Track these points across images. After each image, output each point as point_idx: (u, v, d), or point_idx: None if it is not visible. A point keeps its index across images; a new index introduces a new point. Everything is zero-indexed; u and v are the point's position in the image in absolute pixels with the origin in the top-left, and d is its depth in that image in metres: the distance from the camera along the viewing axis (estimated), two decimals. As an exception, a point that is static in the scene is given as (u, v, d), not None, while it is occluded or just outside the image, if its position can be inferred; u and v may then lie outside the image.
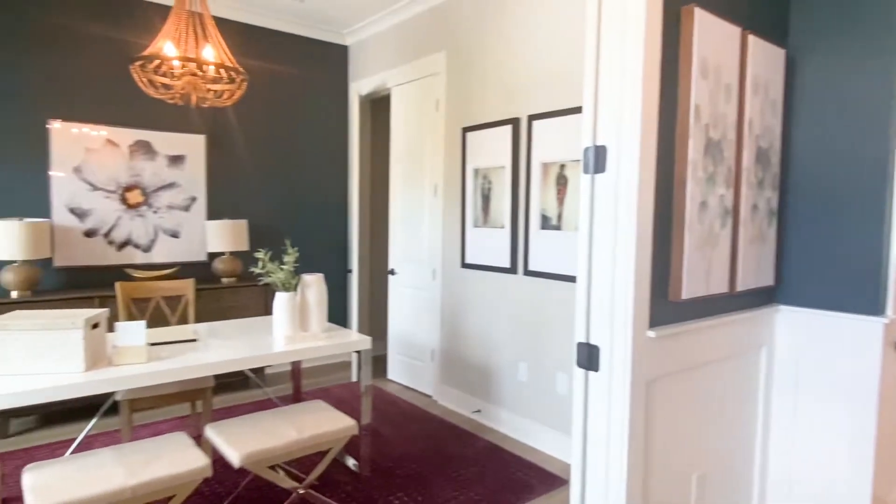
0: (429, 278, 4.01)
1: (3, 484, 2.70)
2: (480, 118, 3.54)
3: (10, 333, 2.06)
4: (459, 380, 3.79)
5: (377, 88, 4.46)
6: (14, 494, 2.61)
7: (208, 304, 3.88)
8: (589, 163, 1.66)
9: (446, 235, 3.85)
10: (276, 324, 2.71)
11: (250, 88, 4.33)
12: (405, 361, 4.29)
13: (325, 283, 2.87)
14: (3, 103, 3.43)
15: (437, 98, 3.89)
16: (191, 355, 2.38)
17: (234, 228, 4.05)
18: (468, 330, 3.69)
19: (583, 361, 1.72)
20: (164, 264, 4.07)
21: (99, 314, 2.26)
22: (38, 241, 3.34)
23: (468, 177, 3.64)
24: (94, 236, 3.79)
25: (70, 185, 3.68)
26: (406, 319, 4.26)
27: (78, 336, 2.11)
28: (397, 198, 4.33)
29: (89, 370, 2.14)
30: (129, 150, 3.89)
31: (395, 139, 4.32)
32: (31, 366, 2.08)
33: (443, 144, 3.83)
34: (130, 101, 3.86)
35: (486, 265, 3.52)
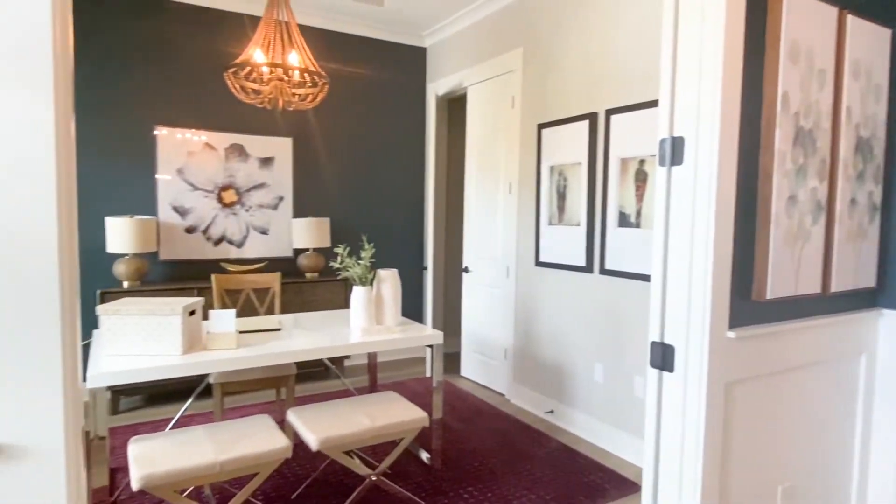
0: (503, 276, 4.01)
1: (112, 455, 3.00)
2: (556, 114, 3.49)
3: (121, 318, 2.29)
4: (533, 379, 3.76)
5: (454, 88, 4.52)
6: (121, 464, 2.89)
7: (293, 297, 4.10)
8: (665, 154, 1.61)
9: (520, 233, 3.83)
10: (353, 316, 2.82)
11: (333, 92, 4.53)
12: (479, 359, 4.32)
13: (399, 278, 2.95)
14: (116, 111, 3.81)
15: (512, 95, 3.88)
16: (275, 343, 2.53)
17: (318, 226, 4.25)
18: (542, 329, 3.66)
19: (656, 361, 1.66)
20: (255, 259, 4.34)
21: (195, 302, 2.45)
22: (145, 237, 3.68)
23: (543, 174, 3.60)
24: (194, 232, 4.12)
25: (173, 186, 4.02)
26: (480, 317, 4.28)
27: (177, 322, 2.31)
28: (472, 196, 4.36)
29: (186, 353, 2.34)
30: (225, 153, 4.18)
31: (470, 138, 4.36)
32: (137, 347, 2.30)
33: (518, 142, 3.82)
34: (226, 108, 4.15)
35: (560, 263, 3.47)
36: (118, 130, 3.83)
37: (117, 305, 2.30)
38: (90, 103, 3.73)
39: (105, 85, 3.76)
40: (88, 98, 3.72)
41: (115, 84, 3.79)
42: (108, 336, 2.29)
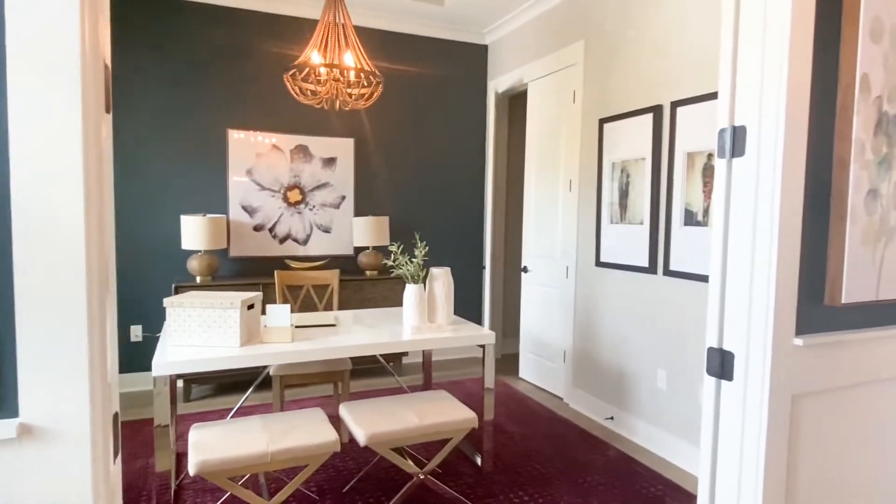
0: (562, 276, 3.90)
1: (181, 440, 3.16)
2: (619, 108, 3.35)
3: (185, 310, 2.41)
4: (592, 384, 3.63)
5: (514, 85, 4.45)
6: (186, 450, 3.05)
7: (352, 294, 4.18)
8: (725, 146, 1.49)
9: (580, 232, 3.71)
10: (405, 314, 2.83)
11: (393, 92, 4.58)
12: (537, 361, 4.22)
13: (451, 276, 2.93)
14: (191, 115, 4.03)
15: (573, 90, 3.76)
16: (329, 338, 2.58)
17: (377, 224, 4.31)
18: (602, 332, 3.52)
19: (714, 368, 1.54)
20: (318, 257, 4.47)
21: (254, 297, 2.54)
22: (216, 234, 3.87)
23: (605, 170, 3.47)
24: (261, 231, 4.29)
25: (243, 186, 4.21)
26: (538, 318, 4.19)
27: (235, 315, 2.40)
28: (531, 193, 4.27)
29: (244, 345, 2.43)
30: (291, 154, 4.33)
31: (530, 134, 4.27)
32: (199, 338, 2.41)
33: (578, 137, 3.70)
34: (292, 110, 4.30)
35: (622, 264, 3.33)
36: (194, 133, 4.05)
37: (182, 298, 2.42)
38: (168, 108, 3.97)
39: (182, 90, 3.99)
40: (166, 103, 3.96)
41: (191, 89, 4.02)
42: (174, 327, 2.41)
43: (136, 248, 3.95)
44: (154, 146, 3.96)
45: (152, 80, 3.92)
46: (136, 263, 3.95)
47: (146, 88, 3.91)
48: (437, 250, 4.84)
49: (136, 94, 3.88)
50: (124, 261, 3.92)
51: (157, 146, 3.97)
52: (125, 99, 3.86)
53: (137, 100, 3.89)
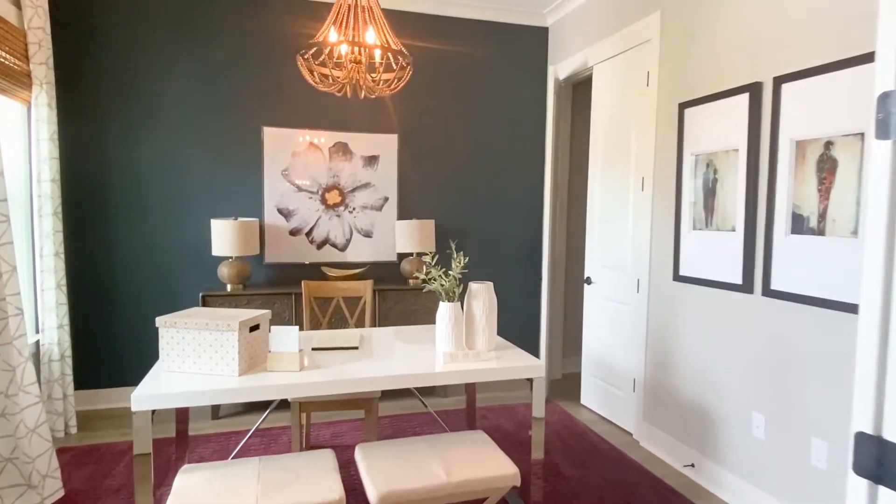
0: (632, 291, 3.32)
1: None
2: (704, 88, 2.75)
3: (178, 331, 2.08)
4: (668, 421, 3.03)
5: (577, 70, 3.89)
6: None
7: (392, 306, 3.79)
8: (890, 122, 0.93)
9: (655, 239, 3.12)
10: (439, 338, 2.38)
11: (440, 84, 4.15)
12: (601, 387, 3.66)
13: (493, 292, 2.46)
14: (224, 112, 3.78)
15: (647, 70, 3.18)
16: (346, 367, 2.18)
17: (422, 229, 3.90)
18: (682, 360, 2.92)
19: (866, 466, 0.99)
20: (357, 263, 4.11)
21: (258, 316, 2.19)
22: (248, 239, 3.59)
23: (685, 165, 2.87)
24: (298, 235, 3.98)
25: (278, 187, 3.92)
26: (604, 338, 3.62)
27: (232, 338, 2.04)
28: (596, 194, 3.71)
29: (244, 374, 2.07)
30: (329, 152, 4.00)
31: (595, 125, 3.71)
32: (194, 364, 2.07)
33: (653, 127, 3.11)
34: (331, 105, 3.96)
35: (707, 279, 2.72)
36: (226, 132, 3.80)
37: (175, 317, 2.09)
38: (199, 105, 3.74)
39: (213, 86, 3.75)
40: (197, 100, 3.73)
41: (223, 85, 3.77)
42: (167, 350, 2.10)
43: (165, 253, 3.74)
44: (184, 146, 3.73)
45: (181, 76, 3.70)
46: (164, 270, 3.74)
47: (175, 85, 3.69)
48: (489, 258, 4.36)
49: (164, 91, 3.67)
50: (152, 267, 3.72)
51: (188, 146, 3.74)
52: (152, 97, 3.66)
53: (166, 98, 3.68)
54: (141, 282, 3.71)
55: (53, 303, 3.19)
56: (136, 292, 3.71)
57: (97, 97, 3.57)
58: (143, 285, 3.71)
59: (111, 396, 3.70)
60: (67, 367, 3.31)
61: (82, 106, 3.55)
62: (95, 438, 3.22)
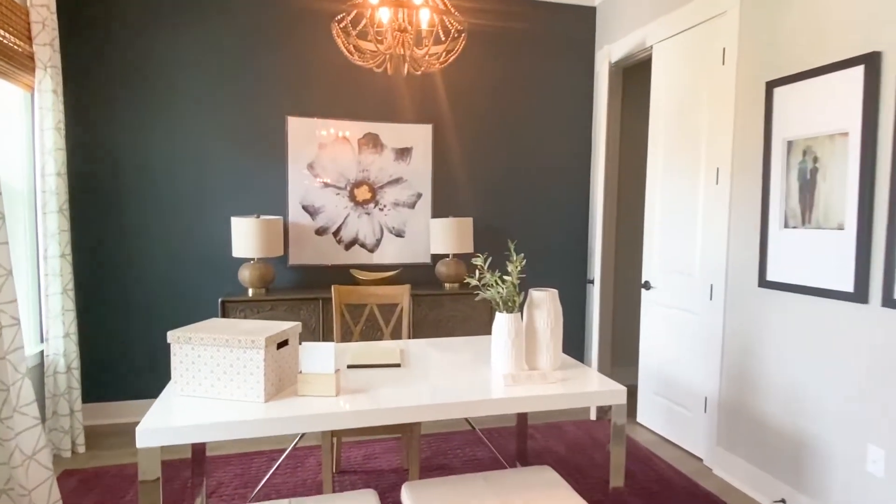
0: (703, 298, 2.93)
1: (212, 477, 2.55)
2: (799, 62, 2.36)
3: (194, 348, 1.76)
4: (750, 448, 2.64)
5: (632, 51, 3.51)
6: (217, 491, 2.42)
7: (427, 312, 3.44)
8: None
9: (734, 240, 2.73)
10: (495, 355, 2.03)
11: (477, 70, 3.79)
12: (663, 405, 3.27)
13: (559, 302, 2.10)
14: (244, 101, 3.46)
15: (722, 47, 2.79)
16: (388, 390, 1.84)
17: (459, 228, 3.54)
18: (769, 379, 2.53)
19: None
20: (389, 266, 3.78)
21: (288, 329, 1.85)
22: (271, 239, 3.27)
23: (775, 153, 2.48)
24: (324, 234, 3.66)
25: (303, 182, 3.59)
26: (666, 349, 3.23)
27: (258, 357, 1.71)
28: (656, 188, 3.32)
29: (271, 399, 1.74)
30: (359, 144, 3.67)
31: (656, 112, 3.32)
32: (214, 388, 1.75)
33: (731, 110, 2.72)
34: (359, 93, 3.63)
35: (804, 286, 2.33)
36: (248, 121, 3.49)
37: (190, 332, 1.77)
38: (218, 94, 3.43)
39: (233, 73, 3.44)
40: (216, 89, 3.42)
41: (244, 71, 3.45)
42: (180, 371, 1.77)
43: (181, 254, 3.44)
44: (202, 137, 3.43)
45: (199, 60, 3.39)
46: (180, 273, 3.44)
47: (192, 71, 3.38)
48: (531, 259, 3.99)
49: (179, 77, 3.37)
50: (167, 269, 3.42)
51: (206, 137, 3.44)
52: (167, 84, 3.36)
53: (182, 84, 3.38)
54: (155, 286, 3.41)
55: (59, 309, 2.90)
56: (149, 297, 3.41)
57: (107, 83, 3.28)
58: (158, 289, 3.41)
59: (123, 410, 3.41)
60: (75, 379, 3.01)
61: (91, 93, 3.26)
62: (105, 459, 2.92)
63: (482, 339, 2.56)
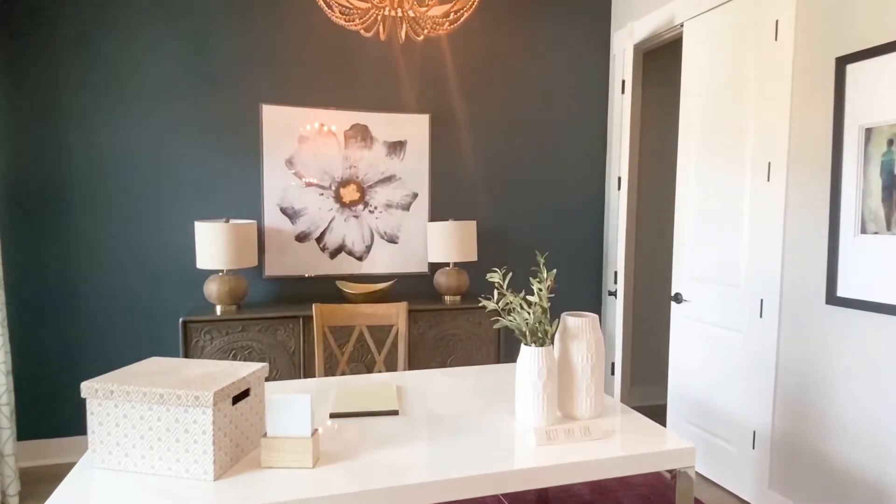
0: (750, 314, 2.50)
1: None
2: (883, 33, 1.93)
3: (117, 405, 1.29)
4: (815, 494, 2.21)
5: (658, 30, 3.08)
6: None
7: (426, 330, 2.98)
8: None
9: (791, 247, 2.30)
10: (521, 404, 1.58)
11: (480, 54, 3.34)
12: (699, 436, 2.84)
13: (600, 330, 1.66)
14: (212, 87, 2.98)
15: (774, 19, 2.36)
16: (385, 454, 1.38)
17: (461, 232, 3.09)
18: (840, 415, 2.11)
19: None
20: (380, 276, 3.31)
21: (248, 376, 1.38)
22: (244, 247, 2.79)
23: (848, 143, 2.05)
24: (306, 241, 3.19)
25: (281, 181, 3.12)
26: (702, 372, 2.80)
27: (204, 420, 1.25)
28: (689, 187, 2.89)
29: (223, 476, 1.28)
30: (345, 137, 3.20)
31: (687, 99, 2.89)
32: (145, 460, 1.28)
33: (787, 94, 2.29)
34: (345, 78, 3.16)
35: (889, 304, 1.91)
36: (215, 110, 3.01)
37: (110, 382, 1.30)
38: (180, 79, 2.94)
39: (198, 55, 2.95)
40: (178, 72, 2.93)
41: (211, 53, 2.97)
42: (100, 435, 1.30)
43: (137, 265, 2.95)
44: (162, 128, 2.94)
45: (157, 43, 2.90)
46: (137, 287, 2.95)
47: (150, 51, 2.90)
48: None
49: (136, 59, 2.88)
50: (120, 283, 2.93)
51: (167, 128, 2.95)
52: (122, 66, 2.87)
53: (138, 67, 2.89)
54: (106, 305, 2.92)
55: (-17, 334, 2.41)
56: (99, 316, 2.92)
57: (51, 65, 2.78)
58: (109, 307, 2.92)
59: (65, 448, 2.91)
60: (5, 417, 2.52)
61: (32, 77, 2.76)
62: (40, 512, 2.43)
63: (494, 370, 2.11)
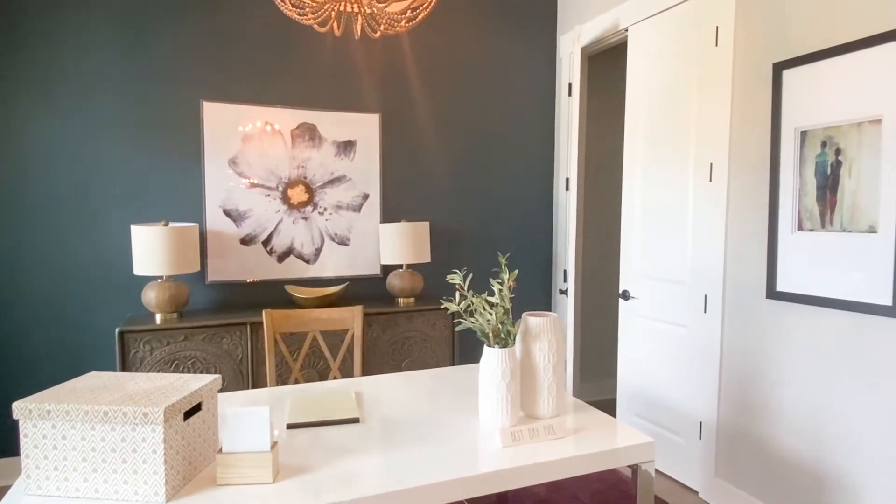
0: (695, 309, 2.60)
1: None
2: (817, 41, 2.05)
3: (56, 426, 1.18)
4: (758, 480, 2.32)
5: (604, 34, 3.15)
6: None
7: (380, 334, 2.93)
8: None
9: (733, 244, 2.41)
10: (484, 405, 1.56)
11: (431, 54, 3.32)
12: (647, 428, 2.93)
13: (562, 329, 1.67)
14: (148, 82, 2.82)
15: (714, 26, 2.46)
16: (347, 464, 1.33)
17: (414, 233, 3.05)
18: (781, 404, 2.22)
19: None
20: (332, 279, 3.23)
21: (200, 389, 1.30)
22: (184, 252, 2.65)
23: (785, 145, 2.16)
24: (252, 244, 3.06)
25: (224, 181, 2.99)
26: (650, 367, 2.89)
27: (154, 438, 1.16)
28: (636, 187, 2.97)
29: (175, 496, 1.19)
30: (292, 137, 3.10)
31: (632, 103, 2.98)
32: (87, 483, 1.18)
33: (727, 98, 2.40)
34: (292, 75, 3.07)
35: (828, 298, 2.02)
36: (151, 107, 2.84)
37: (50, 401, 1.19)
38: (113, 74, 2.76)
39: (133, 48, 2.78)
40: (110, 68, 2.75)
41: (146, 47, 2.80)
42: (35, 460, 1.19)
43: (67, 273, 2.75)
44: (92, 126, 2.75)
45: (85, 30, 2.71)
46: (67, 296, 2.74)
47: (78, 42, 2.70)
48: (492, 269, 3.57)
49: (63, 50, 2.68)
50: (48, 292, 2.72)
51: (99, 127, 2.76)
52: (47, 57, 2.66)
53: (66, 59, 2.69)
54: (34, 316, 2.70)
55: None
56: (25, 329, 2.69)
57: (-40, 56, 2.55)
58: (37, 321, 2.70)
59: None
60: (-86, 443, 2.28)
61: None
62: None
63: (452, 373, 2.09)
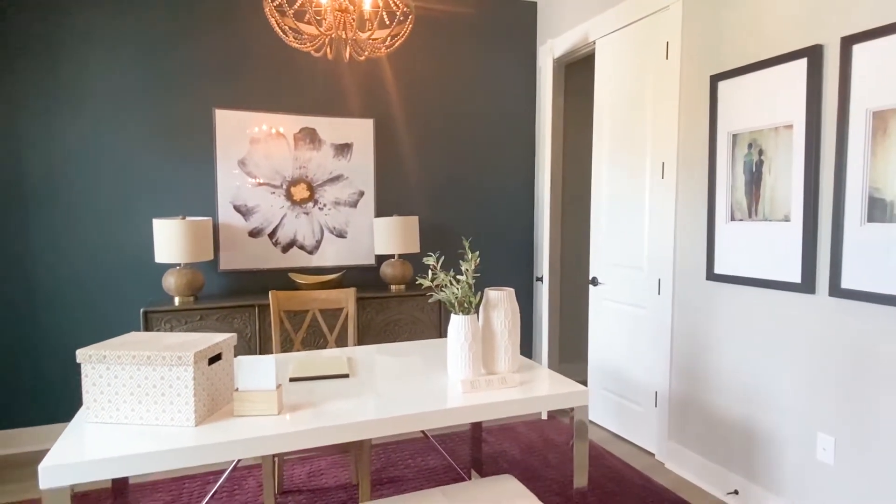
0: (651, 292, 2.93)
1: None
2: (743, 57, 2.38)
3: (109, 367, 1.53)
4: (702, 441, 2.65)
5: (575, 46, 3.49)
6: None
7: (373, 316, 3.27)
8: None
9: (681, 233, 2.74)
10: (451, 361, 1.91)
11: (422, 64, 3.66)
12: (614, 401, 3.26)
13: (516, 301, 2.00)
14: (167, 92, 3.17)
15: (665, 41, 2.79)
16: (337, 405, 1.67)
17: (404, 227, 3.40)
18: (719, 372, 2.55)
19: None
20: (330, 268, 3.58)
21: (220, 342, 1.65)
22: (200, 242, 3.00)
23: (720, 147, 2.49)
24: (259, 236, 3.41)
25: (234, 180, 3.34)
26: (615, 345, 3.22)
27: (186, 376, 1.51)
28: (602, 183, 3.31)
29: (203, 422, 1.54)
30: (294, 140, 3.45)
31: (600, 107, 3.31)
32: (134, 412, 1.52)
33: (675, 105, 2.73)
34: (295, 84, 3.41)
35: (752, 277, 2.35)
36: (171, 114, 3.19)
37: (106, 348, 1.53)
38: (136, 84, 3.12)
39: (154, 61, 3.14)
40: (134, 78, 3.11)
41: (165, 59, 3.16)
42: (94, 395, 1.53)
43: (96, 261, 3.10)
44: (118, 130, 3.11)
45: (114, 48, 3.07)
46: (96, 282, 3.10)
47: (106, 55, 3.06)
48: (479, 259, 3.91)
49: (92, 62, 3.04)
50: (80, 279, 3.08)
51: (123, 130, 3.12)
52: (78, 69, 3.02)
53: (95, 70, 3.05)
54: (68, 297, 3.06)
55: (-52, 327, 2.53)
56: (61, 309, 3.05)
57: (7, 66, 2.91)
58: (71, 301, 3.06)
59: (33, 437, 3.04)
60: (-30, 406, 2.64)
61: (-15, 81, 2.88)
62: (13, 494, 2.57)
63: (434, 343, 2.43)
